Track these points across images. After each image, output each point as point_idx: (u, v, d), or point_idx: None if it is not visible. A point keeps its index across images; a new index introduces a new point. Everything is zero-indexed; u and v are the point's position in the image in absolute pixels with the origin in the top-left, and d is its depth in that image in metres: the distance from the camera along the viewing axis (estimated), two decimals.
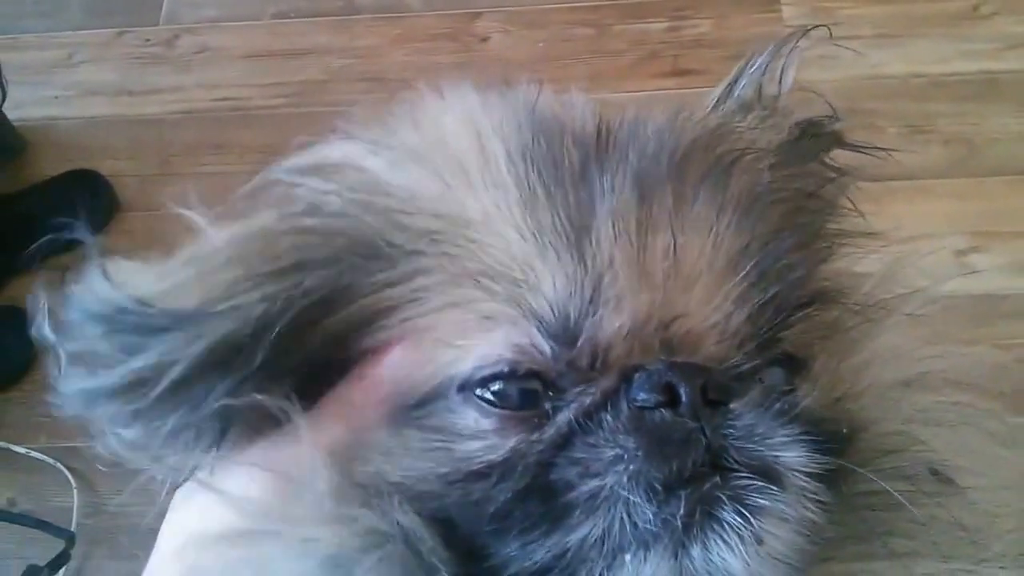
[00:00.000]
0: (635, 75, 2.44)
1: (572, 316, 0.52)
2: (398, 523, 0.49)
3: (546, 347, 0.53)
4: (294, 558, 0.48)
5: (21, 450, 2.08)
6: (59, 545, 1.88)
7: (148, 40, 2.63)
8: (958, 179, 2.26)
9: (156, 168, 2.39)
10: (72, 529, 1.96)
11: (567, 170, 0.55)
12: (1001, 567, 0.52)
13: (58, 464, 2.05)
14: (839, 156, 0.67)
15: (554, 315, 0.52)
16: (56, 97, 2.55)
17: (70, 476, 2.04)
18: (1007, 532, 0.53)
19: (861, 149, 0.68)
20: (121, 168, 2.39)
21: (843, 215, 0.67)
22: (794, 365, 0.57)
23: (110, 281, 0.53)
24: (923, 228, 2.06)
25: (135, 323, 0.52)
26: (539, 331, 0.53)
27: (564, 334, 0.52)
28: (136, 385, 0.52)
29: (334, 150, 0.59)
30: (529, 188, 0.55)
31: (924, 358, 0.59)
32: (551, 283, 0.53)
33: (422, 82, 0.61)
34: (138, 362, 0.52)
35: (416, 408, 0.54)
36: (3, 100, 2.35)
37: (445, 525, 0.51)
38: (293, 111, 2.43)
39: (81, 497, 2.03)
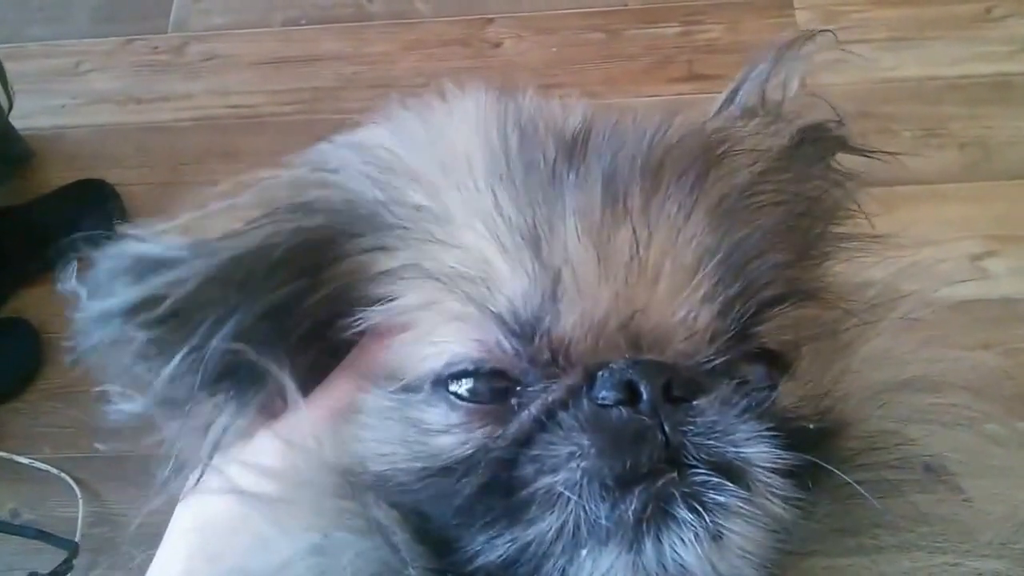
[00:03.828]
0: (650, 80, 2.42)
1: (530, 312, 0.53)
2: (375, 518, 0.51)
3: (507, 345, 0.54)
4: (286, 539, 0.51)
5: (24, 460, 2.07)
6: (63, 556, 1.87)
7: (156, 48, 2.61)
8: (974, 183, 2.24)
9: (165, 177, 2.36)
10: (76, 539, 1.95)
11: (540, 170, 0.56)
12: (984, 555, 0.52)
13: (62, 474, 2.05)
14: (846, 160, 0.67)
15: (513, 312, 0.54)
16: (63, 106, 2.53)
17: (75, 486, 2.04)
18: (995, 522, 0.53)
19: (868, 153, 0.68)
20: (129, 177, 2.37)
21: (849, 219, 0.67)
22: (776, 362, 0.57)
23: (140, 235, 0.57)
24: (938, 233, 2.07)
25: (157, 259, 0.56)
26: (500, 329, 0.54)
27: (523, 331, 0.53)
28: (147, 303, 0.55)
29: (367, 131, 0.63)
30: (500, 189, 0.56)
31: (918, 361, 0.59)
32: (510, 281, 0.54)
33: (436, 83, 0.63)
34: (152, 282, 0.55)
35: (399, 395, 0.57)
36: (10, 109, 2.33)
37: (420, 518, 0.52)
38: (304, 118, 2.42)
39: (86, 507, 2.02)
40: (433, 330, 0.56)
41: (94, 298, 0.57)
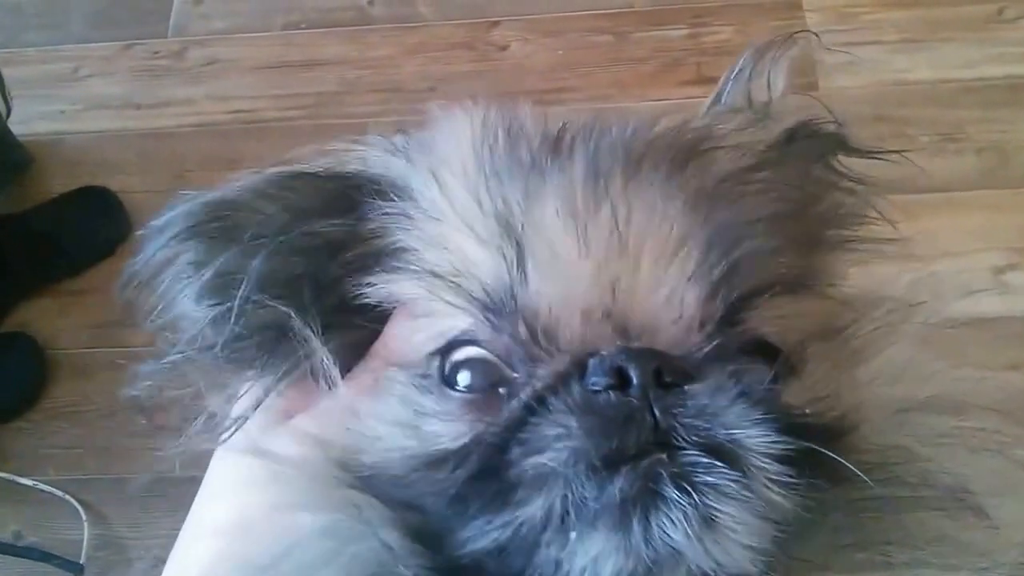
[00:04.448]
0: (659, 83, 2.39)
1: (507, 292, 0.54)
2: (367, 517, 0.51)
3: (487, 324, 0.55)
4: (304, 514, 0.52)
5: (28, 482, 2.04)
6: None
7: (156, 52, 2.57)
8: (993, 190, 2.20)
9: (168, 183, 2.31)
10: (81, 562, 1.92)
11: (523, 163, 0.58)
12: (1000, 573, 0.50)
13: (67, 496, 2.01)
14: (858, 165, 0.66)
15: (490, 295, 0.55)
16: (62, 112, 2.50)
17: (80, 508, 2.00)
18: (1017, 544, 0.52)
19: (872, 155, 0.67)
20: (132, 184, 2.33)
21: (859, 222, 0.67)
22: (776, 356, 0.56)
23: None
24: (958, 244, 2.02)
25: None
26: (481, 312, 0.55)
27: (503, 312, 0.55)
28: (197, 213, 0.60)
29: (426, 129, 0.65)
30: (482, 187, 0.58)
31: (939, 378, 0.58)
32: (488, 264, 0.55)
33: (452, 90, 0.63)
34: (205, 196, 0.60)
35: (406, 377, 0.58)
36: (8, 114, 2.29)
37: (415, 514, 0.52)
38: (307, 123, 2.38)
39: (91, 530, 1.99)
40: (426, 317, 0.58)
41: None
